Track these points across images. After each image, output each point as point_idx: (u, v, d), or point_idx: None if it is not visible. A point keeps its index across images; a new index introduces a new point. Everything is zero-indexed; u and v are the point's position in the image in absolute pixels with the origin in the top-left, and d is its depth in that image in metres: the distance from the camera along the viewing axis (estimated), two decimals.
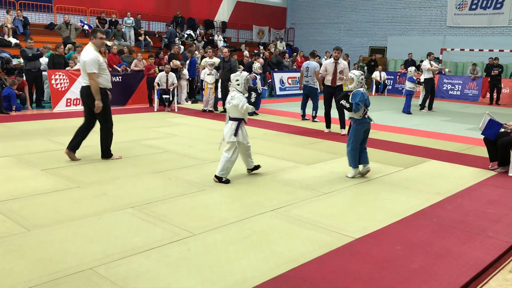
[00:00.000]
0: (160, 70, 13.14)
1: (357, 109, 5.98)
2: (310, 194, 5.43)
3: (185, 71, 14.08)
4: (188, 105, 14.01)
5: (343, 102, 6.06)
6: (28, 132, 8.75)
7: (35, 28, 17.17)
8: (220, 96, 12.58)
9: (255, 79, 12.19)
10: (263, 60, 14.52)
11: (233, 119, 5.78)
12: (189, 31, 21.22)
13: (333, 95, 9.63)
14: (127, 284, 3.20)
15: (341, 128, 9.63)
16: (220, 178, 5.75)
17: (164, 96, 12.37)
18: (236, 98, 5.72)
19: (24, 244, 3.80)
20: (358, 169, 6.23)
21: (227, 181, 5.76)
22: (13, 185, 5.37)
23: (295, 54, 21.85)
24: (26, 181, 5.57)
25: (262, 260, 3.64)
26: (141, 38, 19.11)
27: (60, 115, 10.99)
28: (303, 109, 11.47)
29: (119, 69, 13.75)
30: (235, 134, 5.70)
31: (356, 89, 6.10)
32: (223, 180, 5.75)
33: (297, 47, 26.00)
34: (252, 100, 5.80)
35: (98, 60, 6.39)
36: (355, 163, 6.20)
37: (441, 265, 3.67)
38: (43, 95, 12.75)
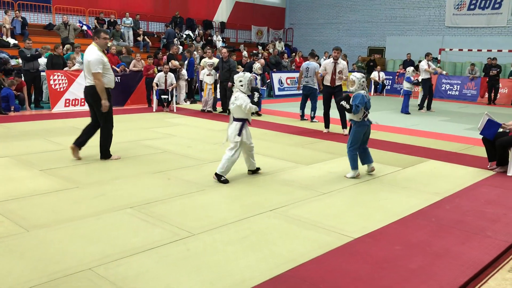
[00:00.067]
0: (159, 71, 13.14)
1: (357, 111, 6.01)
2: (309, 194, 5.44)
3: (183, 72, 14.08)
4: (187, 105, 14.01)
5: (344, 103, 6.09)
6: (27, 132, 8.74)
7: (34, 28, 17.16)
8: (219, 97, 12.58)
9: (255, 79, 12.18)
10: (263, 60, 14.49)
11: (237, 120, 5.85)
12: (188, 32, 21.21)
13: (332, 95, 9.65)
14: (126, 284, 3.20)
15: (342, 128, 9.64)
16: (219, 176, 5.77)
17: (163, 97, 12.37)
18: (239, 98, 5.79)
19: (23, 245, 3.80)
20: (358, 170, 6.23)
21: (225, 181, 5.77)
22: (12, 186, 5.37)
23: (293, 55, 21.84)
24: (25, 182, 5.56)
25: (261, 260, 3.64)
26: (139, 38, 19.09)
27: (58, 116, 10.98)
28: (302, 109, 11.48)
29: (118, 69, 13.74)
30: (239, 134, 5.78)
31: (357, 91, 6.13)
32: (221, 179, 5.76)
33: (296, 47, 26.00)
34: (255, 100, 5.87)
35: (102, 60, 6.43)
36: (354, 164, 6.21)
37: (440, 265, 3.68)
38: (41, 95, 12.75)
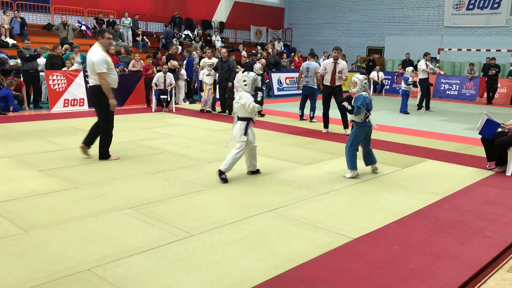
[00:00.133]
0: (158, 71, 13.13)
1: (358, 113, 6.04)
2: (308, 194, 5.44)
3: (183, 71, 14.07)
4: (186, 105, 14.01)
5: (345, 104, 6.10)
6: (26, 132, 8.73)
7: (33, 28, 17.15)
8: (218, 97, 12.58)
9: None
10: (264, 61, 14.49)
11: (242, 119, 5.89)
12: (187, 32, 21.20)
13: (332, 95, 9.64)
14: (125, 285, 3.20)
15: (344, 129, 9.63)
16: (221, 172, 5.80)
17: (162, 97, 12.36)
18: (243, 97, 5.85)
19: (22, 245, 3.79)
20: (356, 170, 6.24)
21: (225, 180, 5.77)
22: (11, 186, 5.36)
23: (293, 54, 21.85)
24: (24, 182, 5.56)
25: (261, 261, 3.64)
26: (138, 38, 19.09)
27: (57, 116, 10.97)
28: (302, 109, 11.48)
29: (117, 69, 13.71)
30: (245, 134, 5.82)
31: (359, 93, 6.15)
32: (222, 176, 5.78)
33: (295, 47, 26.00)
34: (259, 99, 5.91)
35: (106, 59, 6.47)
36: (353, 164, 6.20)
37: (439, 265, 3.68)
38: (40, 95, 12.73)
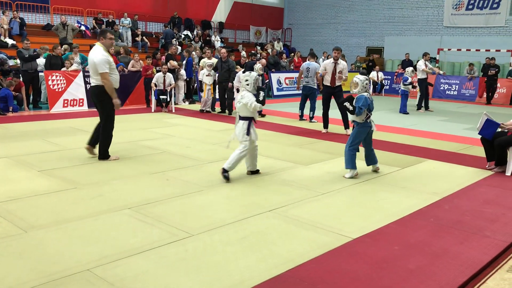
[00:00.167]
0: (158, 71, 13.12)
1: (360, 113, 6.07)
2: (308, 194, 5.43)
3: (182, 72, 14.06)
4: (186, 105, 14.00)
5: (347, 104, 6.12)
6: (25, 133, 8.72)
7: (32, 29, 17.14)
8: (218, 97, 12.57)
9: None
10: (265, 61, 14.49)
11: (243, 118, 5.93)
12: (186, 32, 21.19)
13: (332, 96, 9.64)
14: (125, 285, 3.19)
15: (345, 129, 9.62)
16: (225, 170, 5.83)
17: (162, 97, 12.35)
18: (245, 97, 5.89)
19: (22, 246, 3.79)
20: (356, 170, 6.24)
21: (227, 178, 5.80)
22: (10, 186, 5.36)
23: (292, 55, 21.84)
24: (23, 182, 5.55)
25: (260, 261, 3.64)
26: (138, 38, 19.08)
27: (57, 116, 10.96)
28: (302, 110, 11.47)
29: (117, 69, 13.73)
30: (247, 133, 5.86)
31: (360, 93, 6.17)
32: (225, 174, 5.82)
33: (295, 47, 26.00)
34: (261, 98, 5.94)
35: (108, 59, 6.47)
36: (352, 164, 6.21)
37: (439, 265, 3.68)
38: (40, 96, 12.72)
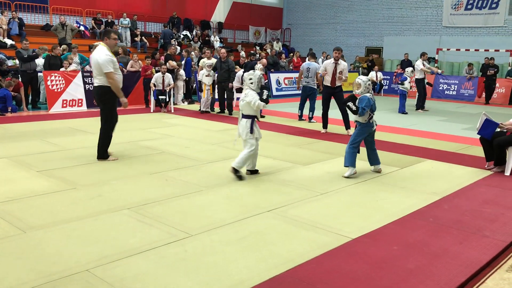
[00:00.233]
0: (157, 71, 13.12)
1: (363, 113, 6.11)
2: (307, 194, 5.43)
3: (181, 72, 14.05)
4: (185, 106, 14.00)
5: (350, 104, 6.13)
6: (24, 133, 8.71)
7: (31, 29, 17.12)
8: (217, 97, 12.57)
9: None
10: (265, 61, 14.49)
11: (246, 117, 5.97)
12: (186, 32, 21.19)
13: (332, 96, 9.63)
14: (124, 286, 3.19)
15: (346, 129, 9.62)
16: (236, 170, 5.91)
17: (161, 97, 12.34)
18: (249, 95, 5.93)
19: (21, 246, 3.78)
20: (354, 168, 6.25)
21: (240, 178, 5.92)
22: (9, 187, 5.35)
23: (291, 55, 21.85)
24: (22, 183, 5.54)
25: (260, 261, 3.64)
26: (137, 39, 19.08)
27: (56, 116, 10.95)
28: (301, 110, 11.47)
29: None
30: (251, 131, 5.91)
31: (363, 94, 6.19)
32: (238, 174, 5.91)
33: (294, 47, 26.02)
34: (264, 97, 5.96)
35: (112, 59, 6.50)
36: (352, 162, 6.22)
37: (438, 265, 3.68)
38: (39, 96, 12.70)
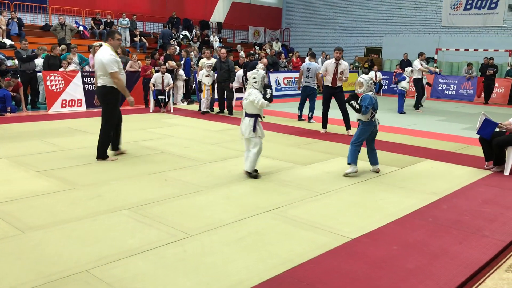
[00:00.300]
0: (157, 71, 13.11)
1: (366, 112, 6.15)
2: (307, 194, 5.43)
3: (181, 72, 14.05)
4: (184, 106, 13.99)
5: (353, 102, 6.15)
6: (23, 133, 8.70)
7: (30, 29, 17.10)
8: (216, 97, 12.56)
9: None
10: (266, 60, 14.49)
11: (249, 115, 5.99)
12: (185, 32, 21.19)
13: (333, 96, 9.62)
14: (123, 286, 3.19)
15: (347, 130, 9.60)
16: (249, 173, 6.01)
17: (160, 97, 12.34)
18: (252, 94, 5.95)
19: (20, 247, 3.78)
20: (356, 166, 6.27)
21: (256, 176, 6.00)
22: (8, 187, 5.34)
23: (290, 55, 21.86)
24: (21, 183, 5.54)
25: (259, 261, 3.64)
26: (136, 39, 19.07)
27: (55, 117, 10.94)
28: (301, 110, 11.47)
29: None
30: (254, 130, 5.94)
31: (365, 93, 6.23)
32: (252, 174, 6.00)
33: (293, 47, 26.03)
34: (268, 96, 5.98)
35: (116, 59, 6.55)
36: (353, 159, 6.27)
37: (437, 265, 3.68)
38: (38, 96, 12.69)
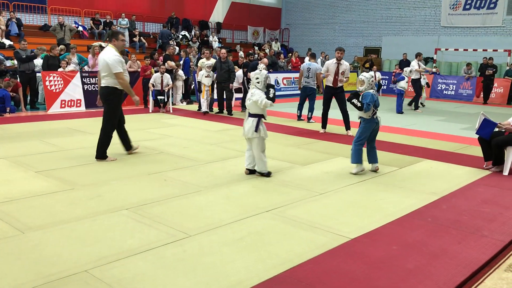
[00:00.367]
0: (156, 71, 13.11)
1: (368, 109, 6.20)
2: (306, 194, 5.43)
3: (180, 72, 14.04)
4: (183, 106, 13.99)
5: (355, 100, 6.19)
6: (22, 134, 8.70)
7: (29, 29, 17.09)
8: (216, 97, 12.56)
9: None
10: (267, 60, 14.49)
11: (253, 115, 6.01)
12: (184, 32, 21.18)
13: (334, 96, 9.62)
14: (123, 286, 3.19)
15: (346, 130, 9.60)
16: (262, 174, 6.07)
17: (159, 97, 12.34)
18: (256, 94, 5.98)
19: (19, 247, 3.78)
20: (362, 165, 6.30)
21: (269, 174, 6.07)
22: (7, 187, 5.34)
23: (290, 55, 21.86)
24: (20, 183, 5.53)
25: (258, 261, 3.64)
26: (135, 39, 19.06)
27: (54, 117, 10.94)
28: (300, 110, 11.47)
29: None
30: (256, 130, 5.95)
31: (366, 90, 6.27)
32: (265, 174, 6.06)
33: (292, 47, 26.03)
34: (271, 95, 5.99)
35: (120, 60, 6.60)
36: (359, 159, 6.30)
37: (437, 265, 3.68)
38: (37, 96, 12.68)
